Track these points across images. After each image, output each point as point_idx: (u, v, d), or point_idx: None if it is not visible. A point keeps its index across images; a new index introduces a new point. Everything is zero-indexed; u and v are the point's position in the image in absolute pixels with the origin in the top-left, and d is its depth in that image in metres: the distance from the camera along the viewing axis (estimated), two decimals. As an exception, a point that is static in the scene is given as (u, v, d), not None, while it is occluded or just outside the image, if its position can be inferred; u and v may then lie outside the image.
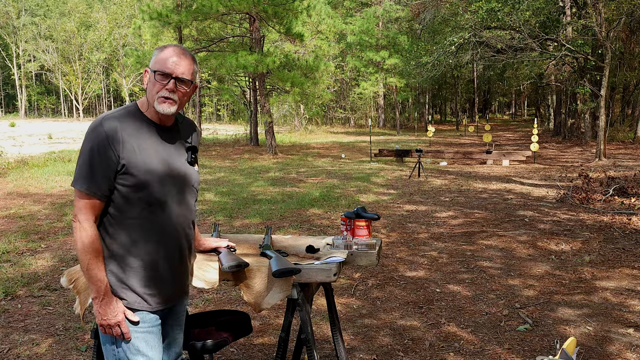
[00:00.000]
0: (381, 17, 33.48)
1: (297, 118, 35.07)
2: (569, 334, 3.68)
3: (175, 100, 1.86)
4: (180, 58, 1.87)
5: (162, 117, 1.90)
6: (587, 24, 16.71)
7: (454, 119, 46.30)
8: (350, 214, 2.61)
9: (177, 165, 1.92)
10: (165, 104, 1.85)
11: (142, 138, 1.85)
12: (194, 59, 1.93)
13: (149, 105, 1.90)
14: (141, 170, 1.81)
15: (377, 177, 12.44)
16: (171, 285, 1.94)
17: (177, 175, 1.91)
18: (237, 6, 17.07)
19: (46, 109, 68.14)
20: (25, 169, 13.77)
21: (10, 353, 3.48)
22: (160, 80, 1.84)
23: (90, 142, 1.79)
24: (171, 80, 1.84)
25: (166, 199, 1.87)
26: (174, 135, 1.96)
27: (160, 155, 1.87)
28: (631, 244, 5.99)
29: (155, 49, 1.94)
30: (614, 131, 24.52)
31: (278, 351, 2.38)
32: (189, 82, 1.89)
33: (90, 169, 1.78)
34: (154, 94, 1.85)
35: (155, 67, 1.85)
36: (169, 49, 1.89)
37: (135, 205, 1.82)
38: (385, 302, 4.34)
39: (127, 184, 1.80)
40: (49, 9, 59.99)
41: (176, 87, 1.85)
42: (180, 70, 1.86)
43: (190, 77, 1.90)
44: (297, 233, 6.66)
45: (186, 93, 1.90)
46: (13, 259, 5.70)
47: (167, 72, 1.84)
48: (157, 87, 1.84)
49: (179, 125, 2.01)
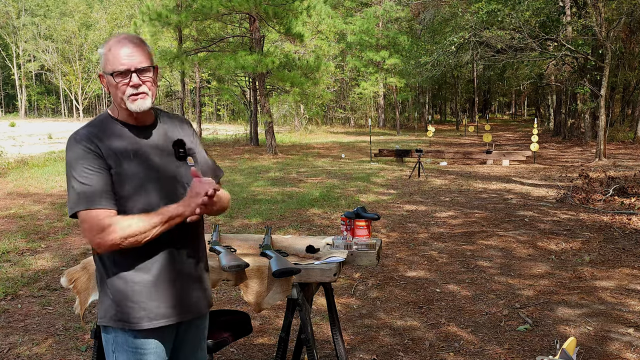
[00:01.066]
0: (381, 17, 33.47)
1: (297, 118, 35.06)
2: (569, 334, 3.68)
3: (146, 92, 1.69)
4: (130, 47, 1.68)
5: (138, 116, 1.72)
6: (587, 24, 16.71)
7: (454, 119, 46.29)
8: (350, 214, 2.61)
9: (164, 165, 1.76)
10: (137, 100, 1.68)
11: (121, 145, 1.69)
12: (142, 40, 1.75)
13: (119, 110, 1.73)
14: (126, 180, 1.66)
15: (377, 177, 12.44)
16: (182, 296, 1.77)
17: (165, 177, 1.74)
18: (237, 7, 17.06)
19: (46, 109, 68.12)
20: (25, 169, 13.77)
21: (10, 353, 3.48)
22: (121, 81, 1.67)
23: (70, 160, 1.65)
24: (133, 75, 1.67)
25: (158, 205, 1.69)
26: (155, 133, 1.79)
27: (144, 159, 1.71)
28: (631, 244, 5.99)
29: (99, 48, 1.74)
30: (614, 131, 24.51)
31: (278, 351, 2.38)
32: (150, 68, 1.71)
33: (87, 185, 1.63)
34: (121, 96, 1.68)
35: (110, 69, 1.67)
36: (114, 42, 1.70)
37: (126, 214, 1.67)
38: (385, 302, 4.34)
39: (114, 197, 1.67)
40: (49, 9, 59.99)
41: (141, 79, 1.68)
42: (137, 59, 1.68)
43: (149, 62, 1.71)
44: (297, 233, 6.66)
45: (153, 80, 1.73)
46: (13, 259, 5.70)
47: (125, 68, 1.66)
48: (122, 88, 1.67)
49: (159, 120, 1.82)
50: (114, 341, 1.74)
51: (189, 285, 1.79)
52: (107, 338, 1.77)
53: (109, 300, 1.72)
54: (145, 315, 1.70)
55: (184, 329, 1.84)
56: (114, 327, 1.72)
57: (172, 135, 1.82)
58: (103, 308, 1.74)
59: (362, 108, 41.47)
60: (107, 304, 1.72)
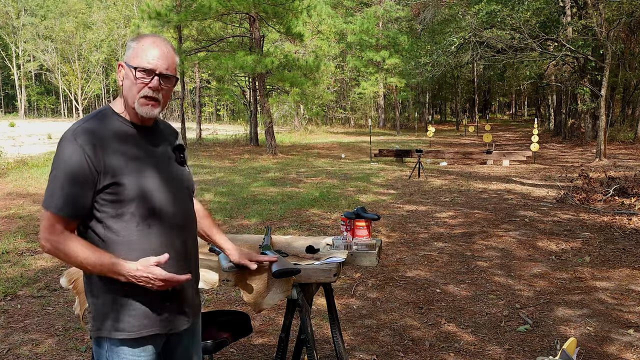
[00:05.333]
0: (381, 17, 33.48)
1: (297, 118, 35.08)
2: (569, 334, 3.68)
3: (159, 100, 1.65)
4: (163, 51, 1.63)
5: (143, 118, 1.67)
6: (587, 24, 16.71)
7: (454, 119, 46.29)
8: (350, 214, 2.60)
9: (167, 168, 1.72)
10: (148, 106, 1.63)
11: (123, 144, 1.63)
12: (175, 50, 1.72)
13: (126, 106, 1.67)
14: (128, 180, 1.60)
15: (377, 177, 12.43)
16: (180, 303, 1.74)
17: (169, 180, 1.71)
18: (236, 6, 17.07)
19: (46, 109, 68.10)
20: (25, 169, 13.77)
21: (10, 353, 3.48)
22: (141, 78, 1.61)
23: (63, 157, 1.58)
24: (155, 78, 1.61)
25: (161, 208, 1.65)
26: (157, 136, 1.75)
27: (147, 160, 1.67)
28: (631, 244, 5.99)
29: (130, 40, 1.69)
30: (614, 131, 24.50)
31: (278, 351, 2.37)
32: (173, 79, 1.67)
33: (63, 188, 1.57)
34: (135, 93, 1.62)
35: (134, 62, 1.61)
36: (148, 40, 1.64)
37: (128, 222, 1.61)
38: (385, 303, 4.33)
39: (115, 199, 1.60)
40: (49, 9, 60.01)
41: (160, 85, 1.63)
42: (164, 65, 1.63)
43: (174, 73, 1.68)
44: (297, 233, 6.65)
45: (169, 90, 1.68)
46: (13, 259, 5.69)
47: (150, 67, 1.60)
48: (139, 85, 1.61)
49: (158, 123, 1.79)
50: (108, 350, 1.69)
51: (180, 295, 1.75)
52: (99, 351, 1.71)
53: (99, 309, 1.67)
54: (137, 324, 1.66)
55: (175, 337, 1.80)
56: (111, 337, 1.67)
57: (172, 140, 1.81)
58: (97, 321, 1.68)
59: (362, 108, 41.48)
60: (101, 316, 1.67)
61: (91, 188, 1.59)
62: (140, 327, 1.66)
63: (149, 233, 1.64)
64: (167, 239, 1.68)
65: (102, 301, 1.66)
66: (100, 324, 1.67)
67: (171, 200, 1.69)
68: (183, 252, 1.74)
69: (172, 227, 1.69)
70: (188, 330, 1.82)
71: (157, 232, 1.66)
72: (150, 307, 1.67)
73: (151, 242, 1.65)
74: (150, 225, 1.64)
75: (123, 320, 1.65)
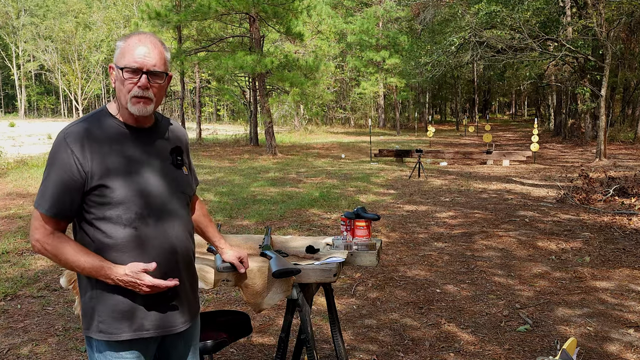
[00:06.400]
0: (381, 17, 33.49)
1: (297, 118, 35.08)
2: (569, 334, 3.68)
3: (150, 97, 1.63)
4: (149, 48, 1.62)
5: (138, 117, 1.67)
6: (587, 24, 16.71)
7: (454, 119, 46.29)
8: (350, 214, 2.60)
9: (160, 171, 1.70)
10: (139, 104, 1.62)
11: (115, 146, 1.63)
12: (164, 45, 1.69)
13: (120, 107, 1.66)
14: (116, 183, 1.59)
15: (377, 177, 12.43)
16: (173, 305, 1.73)
17: (161, 182, 1.69)
18: (236, 6, 17.07)
19: (46, 109, 68.11)
20: (25, 169, 13.77)
21: (10, 353, 3.48)
22: (129, 78, 1.60)
23: (53, 158, 1.61)
24: (143, 76, 1.60)
25: (150, 212, 1.64)
26: (154, 137, 1.73)
27: (138, 162, 1.65)
28: (631, 244, 5.99)
29: (118, 40, 1.67)
30: (614, 131, 24.51)
31: (278, 351, 2.37)
32: (163, 75, 1.65)
33: (52, 189, 1.60)
34: (125, 93, 1.62)
35: (121, 63, 1.61)
36: (134, 39, 1.63)
37: (115, 224, 1.60)
38: (385, 302, 4.33)
39: (102, 201, 1.59)
40: (49, 9, 60.01)
41: (149, 83, 1.62)
42: (152, 62, 1.61)
43: (164, 69, 1.65)
44: (297, 233, 6.65)
45: (161, 87, 1.66)
46: (13, 259, 5.69)
47: (137, 66, 1.60)
48: (128, 86, 1.61)
49: (158, 124, 1.77)
50: (95, 350, 1.70)
51: (175, 298, 1.74)
52: (89, 349, 1.72)
53: (90, 311, 1.68)
54: (127, 327, 1.65)
55: (169, 340, 1.78)
56: (96, 338, 1.67)
57: (170, 142, 1.78)
58: (86, 320, 1.69)
59: (362, 108, 41.47)
60: (89, 315, 1.68)
61: (79, 189, 1.60)
62: (123, 330, 1.65)
63: (136, 236, 1.63)
64: (156, 242, 1.66)
65: (89, 298, 1.67)
66: (88, 323, 1.69)
67: (161, 204, 1.68)
68: (172, 257, 1.71)
69: (160, 230, 1.67)
70: (185, 332, 1.81)
71: (145, 235, 1.64)
72: (135, 310, 1.66)
73: (139, 245, 1.64)
74: (137, 228, 1.63)
75: (106, 322, 1.65)
